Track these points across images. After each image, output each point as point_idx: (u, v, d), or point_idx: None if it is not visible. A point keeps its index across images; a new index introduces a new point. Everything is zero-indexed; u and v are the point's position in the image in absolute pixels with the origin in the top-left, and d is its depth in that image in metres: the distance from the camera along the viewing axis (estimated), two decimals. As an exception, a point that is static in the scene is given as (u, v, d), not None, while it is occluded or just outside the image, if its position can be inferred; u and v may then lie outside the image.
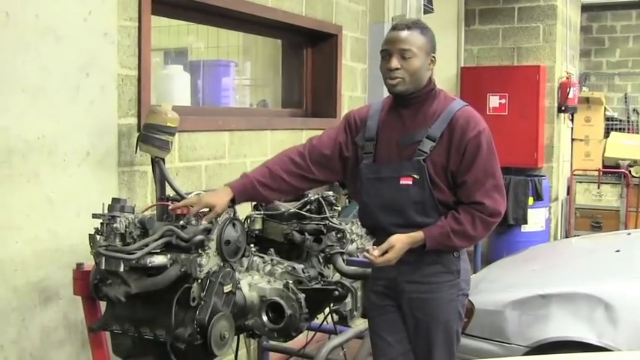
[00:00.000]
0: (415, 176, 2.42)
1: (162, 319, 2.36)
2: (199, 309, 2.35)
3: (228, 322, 2.41)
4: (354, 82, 5.17)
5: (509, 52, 7.60)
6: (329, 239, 2.95)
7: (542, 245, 5.68)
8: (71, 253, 2.80)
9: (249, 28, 4.49)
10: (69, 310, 2.87)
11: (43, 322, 2.80)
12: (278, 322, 2.57)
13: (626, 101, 10.40)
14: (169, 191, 2.99)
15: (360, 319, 2.95)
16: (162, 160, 3.06)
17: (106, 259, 2.29)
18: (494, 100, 7.17)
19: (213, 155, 3.75)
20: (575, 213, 8.45)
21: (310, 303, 2.60)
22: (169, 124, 3.03)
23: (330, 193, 3.13)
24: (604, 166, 8.57)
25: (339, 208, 3.17)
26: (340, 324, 3.01)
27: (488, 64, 7.61)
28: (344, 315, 2.87)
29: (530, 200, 6.90)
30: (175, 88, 3.92)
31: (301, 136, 4.40)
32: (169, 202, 2.58)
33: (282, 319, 2.56)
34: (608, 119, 9.38)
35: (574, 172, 8.52)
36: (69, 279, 2.63)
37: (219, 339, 2.36)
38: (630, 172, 8.23)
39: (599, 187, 8.41)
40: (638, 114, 9.87)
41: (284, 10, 4.32)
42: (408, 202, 2.44)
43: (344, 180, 2.81)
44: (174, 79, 3.97)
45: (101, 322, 2.50)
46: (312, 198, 3.02)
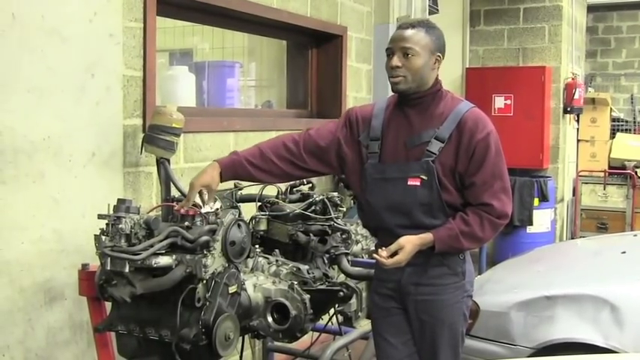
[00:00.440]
0: (423, 177, 2.41)
1: (167, 319, 2.36)
2: (204, 310, 2.34)
3: (233, 323, 2.41)
4: (359, 82, 5.17)
5: (514, 52, 7.57)
6: (334, 240, 2.95)
7: (548, 246, 5.65)
8: (76, 253, 2.81)
9: (254, 29, 4.49)
10: (74, 311, 2.88)
11: (48, 322, 2.80)
12: (283, 323, 2.57)
13: (632, 102, 10.38)
14: (174, 192, 2.99)
15: (365, 319, 2.95)
16: (168, 161, 3.07)
17: (112, 259, 2.29)
18: (499, 101, 7.15)
19: (218, 156, 3.65)
20: (581, 214, 8.43)
21: (315, 304, 2.60)
22: (174, 125, 3.03)
23: (335, 194, 3.12)
24: (610, 167, 8.55)
25: (344, 208, 3.16)
26: (345, 325, 3.01)
27: (493, 64, 7.59)
28: (349, 316, 2.88)
29: (536, 201, 6.88)
30: (180, 89, 3.92)
31: (306, 137, 4.39)
32: (174, 203, 2.58)
33: (287, 319, 2.55)
34: (614, 120, 9.36)
35: (580, 173, 8.49)
36: (74, 279, 2.64)
37: (224, 340, 2.36)
38: (636, 173, 8.21)
39: (604, 188, 8.39)
40: (644, 115, 9.88)
41: (289, 11, 4.33)
42: (415, 203, 2.43)
43: (346, 179, 2.80)
44: (179, 80, 3.97)
45: (106, 323, 2.50)
46: (317, 199, 3.01)
